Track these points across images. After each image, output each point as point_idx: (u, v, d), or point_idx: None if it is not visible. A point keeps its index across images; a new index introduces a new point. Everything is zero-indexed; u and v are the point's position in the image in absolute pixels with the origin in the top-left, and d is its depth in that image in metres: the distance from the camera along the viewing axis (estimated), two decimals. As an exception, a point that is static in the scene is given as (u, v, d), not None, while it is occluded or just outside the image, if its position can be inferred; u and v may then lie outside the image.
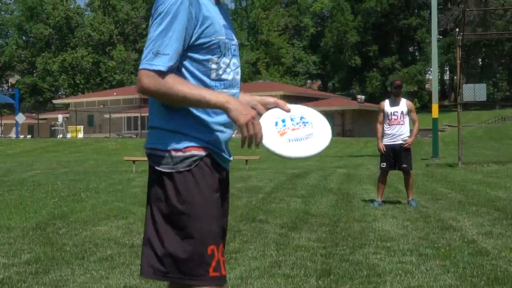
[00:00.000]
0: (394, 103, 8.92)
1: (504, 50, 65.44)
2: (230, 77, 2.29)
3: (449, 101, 68.66)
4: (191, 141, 2.22)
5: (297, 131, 2.35)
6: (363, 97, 52.97)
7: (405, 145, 8.84)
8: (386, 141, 8.94)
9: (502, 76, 67.89)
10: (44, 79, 76.47)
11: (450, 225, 6.80)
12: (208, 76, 2.23)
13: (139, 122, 54.06)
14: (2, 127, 54.44)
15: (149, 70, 2.11)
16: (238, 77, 2.37)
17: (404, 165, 8.86)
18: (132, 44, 77.36)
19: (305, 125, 2.35)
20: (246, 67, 70.47)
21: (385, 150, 8.90)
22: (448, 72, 74.76)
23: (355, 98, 55.55)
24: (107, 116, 54.17)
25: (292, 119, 2.37)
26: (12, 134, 53.63)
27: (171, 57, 2.11)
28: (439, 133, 24.53)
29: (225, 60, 2.26)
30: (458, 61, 16.79)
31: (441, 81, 70.11)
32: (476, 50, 64.78)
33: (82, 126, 53.11)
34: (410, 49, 74.44)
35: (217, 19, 2.23)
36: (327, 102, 52.55)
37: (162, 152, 2.21)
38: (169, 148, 2.20)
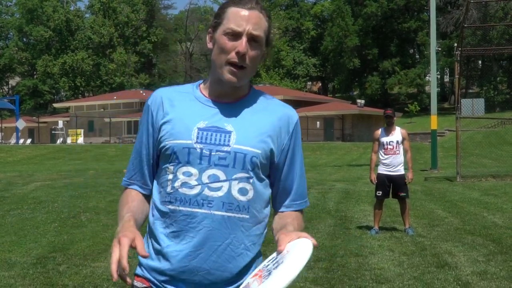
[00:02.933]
0: (389, 132, 8.94)
1: (503, 53, 65.42)
2: (193, 192, 1.84)
3: (449, 104, 68.66)
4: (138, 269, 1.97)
5: (264, 272, 1.76)
6: (362, 101, 53.02)
7: (409, 181, 8.91)
8: (383, 170, 9.01)
9: (502, 79, 67.87)
10: (45, 81, 76.52)
11: (445, 262, 6.88)
12: (165, 189, 1.90)
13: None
14: (3, 133, 54.53)
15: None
16: (218, 194, 1.85)
17: (403, 194, 8.93)
18: (132, 47, 77.41)
19: (276, 266, 1.73)
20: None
21: (378, 180, 8.95)
22: (448, 75, 74.78)
23: (355, 102, 55.60)
24: (107, 120, 54.26)
25: (276, 258, 1.79)
26: (13, 140, 53.75)
27: (128, 170, 2.00)
28: (438, 138, 24.57)
29: (188, 170, 1.85)
30: (457, 76, 16.84)
31: (441, 84, 70.16)
32: (475, 51, 64.70)
33: (82, 130, 53.18)
34: (410, 51, 74.47)
35: (185, 120, 1.88)
36: (326, 107, 52.60)
37: None
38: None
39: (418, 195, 13.76)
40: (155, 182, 1.97)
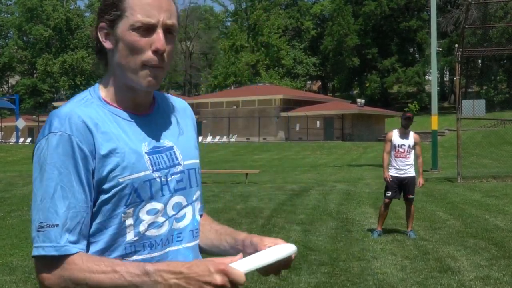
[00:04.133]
0: (403, 135, 8.93)
1: (504, 53, 65.41)
2: (163, 230, 1.52)
3: (449, 103, 68.68)
4: None
5: None
6: (362, 101, 53.00)
7: (419, 186, 8.97)
8: (393, 172, 8.99)
9: (502, 78, 67.88)
10: (44, 80, 76.48)
11: (448, 267, 6.86)
12: (122, 239, 1.48)
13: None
14: (3, 132, 54.55)
15: (43, 257, 1.41)
16: (184, 223, 1.57)
17: (411, 196, 8.98)
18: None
19: None
20: (246, 69, 70.52)
21: (391, 180, 8.95)
22: (448, 74, 74.77)
23: (355, 101, 55.59)
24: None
25: None
26: (13, 139, 53.76)
27: (62, 228, 1.41)
28: (438, 137, 24.55)
29: (153, 206, 1.50)
30: (457, 77, 16.83)
31: (441, 84, 70.14)
32: (475, 52, 64.72)
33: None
34: (411, 50, 74.43)
35: (130, 146, 1.49)
36: (326, 106, 52.59)
37: None
38: None
39: (419, 196, 13.71)
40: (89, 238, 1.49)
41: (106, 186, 1.46)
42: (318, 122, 50.29)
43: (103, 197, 1.47)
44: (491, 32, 47.69)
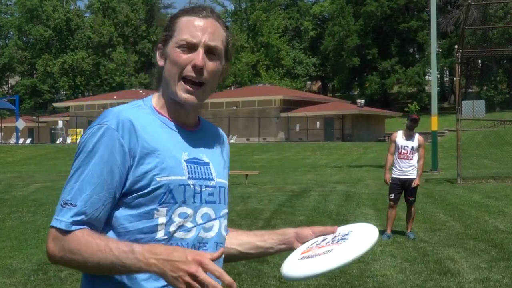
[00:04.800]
0: (408, 136, 8.94)
1: (504, 54, 65.41)
2: (191, 235, 1.63)
3: (449, 103, 68.68)
4: None
5: (321, 248, 1.69)
6: (362, 101, 52.98)
7: (414, 185, 8.96)
8: (396, 173, 8.99)
9: (502, 78, 67.87)
10: (44, 81, 76.51)
11: (447, 269, 6.87)
12: (153, 236, 1.60)
13: (139, 126, 54.13)
14: (2, 133, 54.58)
15: (55, 228, 1.57)
16: (211, 234, 1.68)
17: (412, 198, 9.02)
18: (132, 46, 77.36)
19: (337, 242, 1.70)
20: (246, 69, 70.52)
21: (392, 182, 8.94)
22: (448, 74, 74.77)
23: (355, 102, 55.59)
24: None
25: (333, 237, 1.75)
26: (12, 140, 53.79)
27: (79, 210, 1.55)
28: (438, 138, 24.56)
29: (184, 210, 1.62)
30: (457, 78, 16.84)
31: (441, 84, 70.13)
32: (475, 53, 64.67)
33: (82, 130, 53.15)
34: (411, 50, 74.43)
35: (172, 152, 1.63)
36: (326, 106, 52.58)
37: None
38: None
39: (419, 197, 13.65)
40: (119, 229, 1.60)
41: (143, 183, 1.58)
42: (318, 122, 50.30)
43: (140, 192, 1.59)
44: (491, 33, 47.72)
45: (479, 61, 69.72)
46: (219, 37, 1.68)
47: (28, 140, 53.74)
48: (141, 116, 1.64)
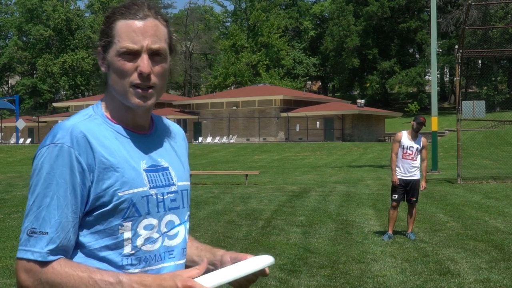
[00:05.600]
0: (413, 138, 8.94)
1: (504, 54, 65.36)
2: (157, 245, 1.59)
3: (449, 103, 68.68)
4: None
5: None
6: (362, 101, 52.97)
7: (422, 189, 9.03)
8: (399, 174, 8.99)
9: (502, 78, 67.85)
10: (44, 80, 76.51)
11: (448, 269, 6.86)
12: (120, 252, 1.55)
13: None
14: (3, 133, 54.58)
15: (26, 260, 1.48)
16: (176, 241, 1.64)
17: (414, 199, 9.05)
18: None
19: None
20: (246, 69, 70.51)
21: (398, 183, 8.96)
22: (448, 74, 74.76)
23: (355, 102, 55.58)
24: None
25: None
26: (13, 140, 53.78)
27: (52, 238, 1.47)
28: (438, 138, 24.56)
29: (149, 222, 1.57)
30: (457, 78, 16.82)
31: (441, 84, 70.14)
32: (476, 53, 64.63)
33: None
34: (410, 50, 74.41)
35: (130, 163, 1.56)
36: (326, 107, 52.57)
37: None
38: None
39: (419, 198, 13.73)
40: (85, 250, 1.55)
41: (105, 199, 1.52)
42: (318, 122, 50.30)
43: (102, 209, 1.53)
44: (491, 33, 47.73)
45: (479, 61, 69.72)
46: (162, 37, 1.59)
47: (28, 140, 53.74)
48: (94, 128, 1.56)
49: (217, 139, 52.02)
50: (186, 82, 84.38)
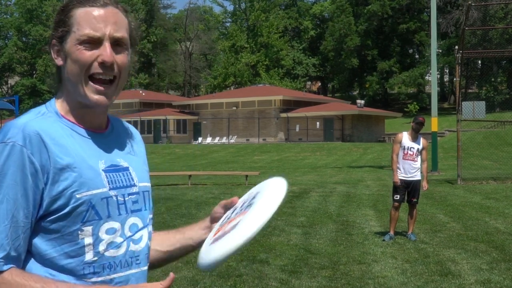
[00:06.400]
0: (413, 138, 8.98)
1: (504, 55, 65.37)
2: (122, 251, 1.49)
3: (449, 104, 68.71)
4: None
5: (230, 223, 1.55)
6: (362, 101, 52.96)
7: (425, 189, 9.06)
8: (400, 175, 9.00)
9: (502, 79, 67.88)
10: (44, 81, 76.48)
11: (448, 270, 6.87)
12: (81, 259, 1.44)
13: (138, 126, 54.10)
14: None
15: None
16: (141, 245, 1.55)
17: (415, 200, 9.08)
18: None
19: (245, 210, 1.55)
20: (245, 69, 70.51)
21: (400, 184, 8.98)
22: (448, 75, 74.79)
23: (355, 102, 55.58)
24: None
25: (242, 204, 1.61)
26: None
27: (1, 244, 1.36)
28: (438, 138, 24.57)
29: (111, 225, 1.47)
30: (457, 79, 16.83)
31: (441, 84, 70.17)
32: (475, 54, 64.62)
33: (82, 130, 53.17)
34: (410, 51, 74.43)
35: (88, 162, 1.46)
36: (326, 107, 52.58)
37: None
38: None
39: (419, 198, 13.73)
40: (40, 258, 1.44)
41: (61, 202, 1.41)
42: (317, 123, 50.30)
43: (59, 213, 1.42)
44: (491, 33, 47.76)
45: (479, 61, 69.72)
46: (123, 26, 1.51)
47: (28, 141, 53.71)
48: (49, 126, 1.44)
49: (216, 140, 52.02)
50: (185, 82, 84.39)
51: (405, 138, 9.00)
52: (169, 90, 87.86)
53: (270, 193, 1.50)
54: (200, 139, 52.53)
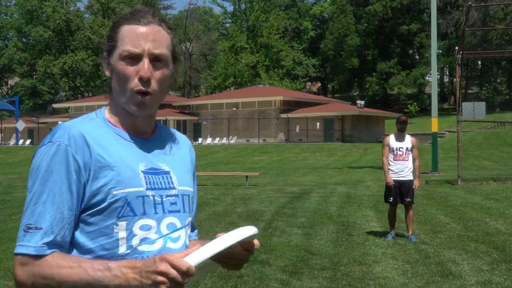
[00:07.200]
0: (399, 138, 9.04)
1: (503, 55, 65.35)
2: (156, 247, 1.58)
3: (449, 104, 68.72)
4: None
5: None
6: (362, 102, 52.96)
7: (415, 188, 9.02)
8: (392, 176, 9.03)
9: (501, 79, 67.89)
10: (44, 81, 76.50)
11: (449, 271, 6.87)
12: (115, 251, 1.56)
13: (139, 127, 54.12)
14: (2, 134, 54.56)
15: (21, 255, 1.51)
16: (179, 244, 1.64)
17: (409, 199, 9.05)
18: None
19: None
20: (245, 70, 70.51)
21: (392, 184, 8.99)
22: (448, 75, 74.79)
23: (355, 103, 55.58)
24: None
25: None
26: (12, 141, 53.76)
27: (45, 233, 1.50)
28: (438, 139, 24.58)
29: (146, 222, 1.58)
30: (458, 79, 16.83)
31: (441, 85, 70.17)
32: (475, 54, 64.62)
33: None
34: (410, 51, 74.45)
35: (128, 163, 1.58)
36: (326, 107, 52.58)
37: None
38: None
39: (419, 199, 13.73)
40: (80, 247, 1.57)
41: (100, 197, 1.54)
42: (318, 123, 50.31)
43: (97, 207, 1.55)
44: (491, 33, 47.74)
45: (479, 62, 69.73)
46: (163, 43, 1.62)
47: (28, 141, 53.71)
48: (93, 129, 1.60)
49: (217, 140, 52.01)
50: (185, 83, 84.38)
51: (392, 140, 9.08)
52: (169, 90, 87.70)
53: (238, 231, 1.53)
54: (200, 139, 52.52)
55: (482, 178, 18.86)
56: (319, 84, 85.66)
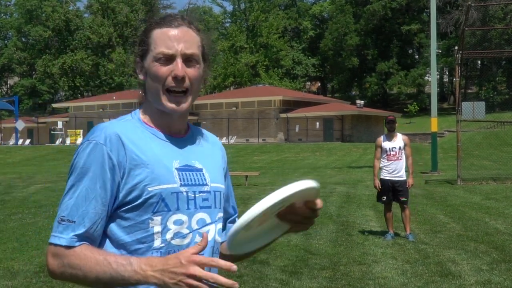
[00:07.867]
0: (391, 138, 9.07)
1: (503, 55, 65.35)
2: (186, 241, 1.66)
3: (448, 104, 68.72)
4: None
5: None
6: (362, 102, 52.96)
7: (409, 186, 9.01)
8: (386, 176, 9.04)
9: (501, 79, 67.91)
10: (43, 81, 76.47)
11: (449, 271, 6.88)
12: (150, 245, 1.64)
13: (138, 127, 54.10)
14: (2, 134, 54.55)
15: (53, 245, 1.61)
16: (209, 240, 1.69)
17: (404, 198, 9.04)
18: (131, 47, 77.29)
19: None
20: (245, 70, 70.49)
21: (382, 186, 9.00)
22: (447, 75, 74.79)
23: (354, 102, 55.58)
24: (106, 120, 54.21)
25: None
26: (12, 140, 53.75)
27: (77, 226, 1.59)
28: (438, 139, 24.59)
29: (179, 217, 1.65)
30: (457, 79, 16.84)
31: (440, 85, 70.16)
32: (475, 54, 64.62)
33: (81, 130, 53.16)
34: (410, 51, 74.46)
35: (162, 161, 1.66)
36: (326, 107, 52.57)
37: None
38: None
39: (419, 199, 13.76)
40: (115, 242, 1.65)
41: (135, 193, 1.63)
42: (317, 123, 50.30)
43: (133, 203, 1.64)
44: (490, 33, 47.71)
45: (479, 62, 69.73)
46: (194, 43, 1.73)
47: (28, 141, 53.69)
48: (129, 129, 1.69)
49: (216, 140, 51.96)
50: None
51: (384, 140, 9.09)
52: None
53: (288, 186, 1.57)
54: (199, 139, 52.44)
55: (482, 177, 18.87)
56: (319, 84, 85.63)
